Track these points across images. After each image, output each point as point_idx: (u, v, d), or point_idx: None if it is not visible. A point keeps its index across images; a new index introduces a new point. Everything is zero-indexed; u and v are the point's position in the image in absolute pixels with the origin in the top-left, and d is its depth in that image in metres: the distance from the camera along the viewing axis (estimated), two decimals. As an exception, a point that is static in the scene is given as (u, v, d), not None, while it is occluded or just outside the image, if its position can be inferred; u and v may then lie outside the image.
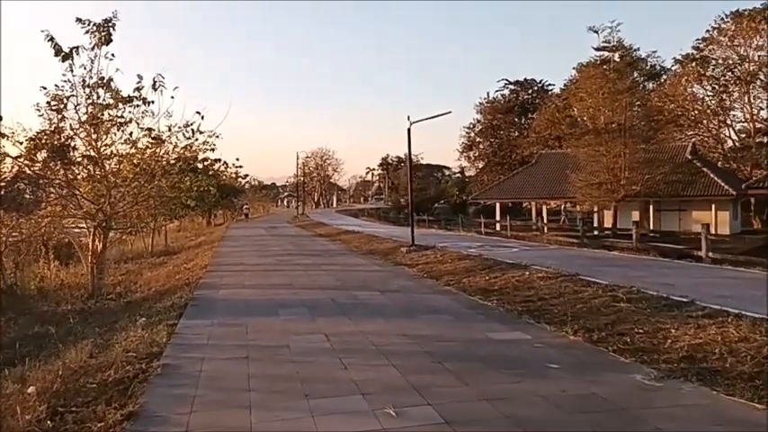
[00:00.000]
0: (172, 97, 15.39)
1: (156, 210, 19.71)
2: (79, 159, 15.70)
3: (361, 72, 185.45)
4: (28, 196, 16.01)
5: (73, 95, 15.68)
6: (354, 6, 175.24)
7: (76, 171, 16.14)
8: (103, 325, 11.49)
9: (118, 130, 16.47)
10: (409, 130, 19.72)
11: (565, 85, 59.35)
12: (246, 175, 66.02)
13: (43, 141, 14.89)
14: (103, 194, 16.40)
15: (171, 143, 17.17)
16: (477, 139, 76.54)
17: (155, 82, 15.45)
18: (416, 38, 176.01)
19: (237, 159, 53.50)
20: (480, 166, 76.04)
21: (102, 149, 16.36)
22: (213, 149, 17.53)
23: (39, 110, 15.50)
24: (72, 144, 15.73)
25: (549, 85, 71.94)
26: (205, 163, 33.85)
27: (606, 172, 30.15)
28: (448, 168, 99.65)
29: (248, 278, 14.40)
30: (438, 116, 19.51)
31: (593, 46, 31.44)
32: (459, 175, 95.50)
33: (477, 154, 77.59)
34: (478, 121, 76.27)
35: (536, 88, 73.75)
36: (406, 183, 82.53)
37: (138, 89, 15.39)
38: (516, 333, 7.77)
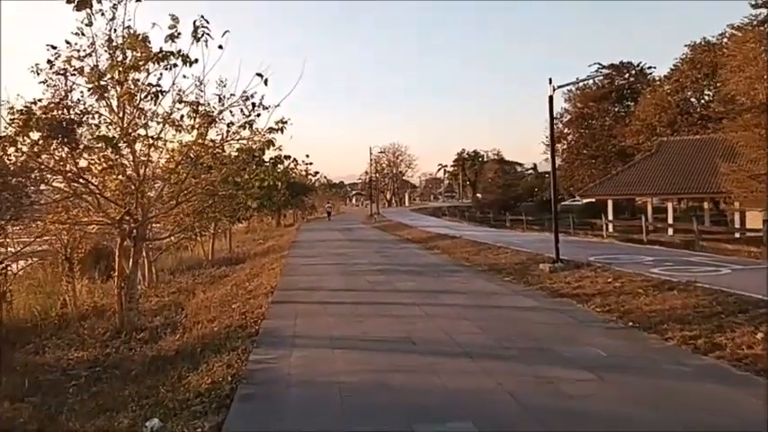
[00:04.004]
0: (220, 47, 10.34)
1: (207, 213, 14.91)
2: (93, 143, 10.94)
3: (429, 66, 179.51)
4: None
5: (89, 55, 11.08)
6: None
7: (90, 159, 11.42)
8: (104, 408, 6.74)
9: (151, 102, 11.66)
10: (551, 97, 14.16)
11: (675, 65, 51.83)
12: (317, 173, 61.74)
13: (38, 116, 10.21)
14: (131, 192, 11.67)
15: (224, 122, 12.23)
16: (566, 130, 69.58)
17: (196, 29, 10.48)
18: (496, 27, 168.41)
19: (308, 156, 49.09)
20: (568, 158, 69.03)
21: (129, 129, 11.61)
22: (282, 130, 12.35)
23: (37, 72, 10.88)
24: (84, 120, 11.03)
25: (650, 67, 64.07)
26: (274, 158, 29.16)
27: (774, 160, 23.47)
28: (520, 165, 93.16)
29: (334, 323, 9.20)
30: (588, 79, 13.87)
31: (750, 2, 24.83)
32: (532, 171, 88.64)
33: (565, 146, 70.61)
34: (566, 111, 69.27)
35: (634, 72, 65.95)
36: (492, 179, 77.35)
37: (171, 37, 10.47)
38: None
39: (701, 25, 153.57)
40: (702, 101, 50.18)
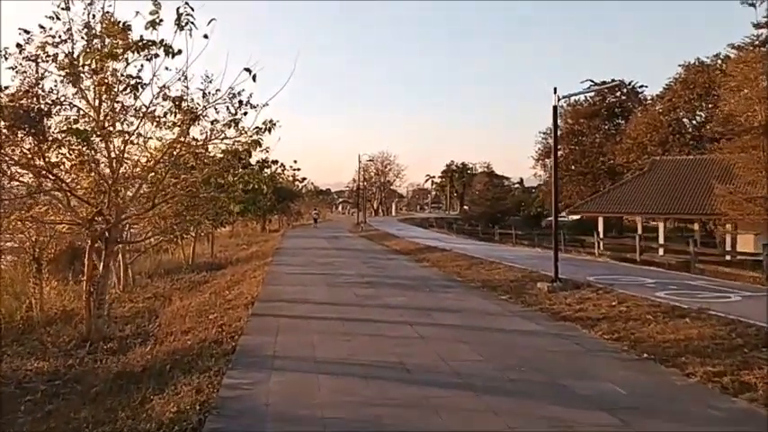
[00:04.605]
0: (206, 36, 9.52)
1: (187, 216, 13.98)
2: (62, 136, 10.05)
3: (418, 77, 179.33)
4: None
5: (65, 42, 10.26)
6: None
7: (62, 153, 10.53)
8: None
9: (130, 95, 10.82)
10: (555, 107, 13.50)
11: (668, 85, 51.72)
12: (304, 179, 60.64)
13: (3, 104, 9.33)
14: (104, 190, 10.80)
15: (208, 120, 11.39)
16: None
17: (179, 16, 9.64)
18: (484, 39, 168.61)
19: (295, 162, 47.98)
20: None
21: (105, 123, 10.75)
22: (270, 130, 11.51)
23: (5, 57, 10.01)
24: (54, 111, 10.17)
25: (641, 86, 64.04)
26: (261, 161, 28.25)
27: (772, 182, 22.98)
28: (507, 179, 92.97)
29: (319, 341, 8.36)
30: (600, 88, 13.28)
31: (752, 21, 24.46)
32: (518, 185, 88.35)
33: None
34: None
35: (625, 90, 65.86)
36: (481, 191, 76.78)
37: (153, 24, 9.62)
38: None
39: (692, 45, 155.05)
40: (694, 121, 50.11)
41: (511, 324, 9.46)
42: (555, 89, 12.98)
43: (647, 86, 63.86)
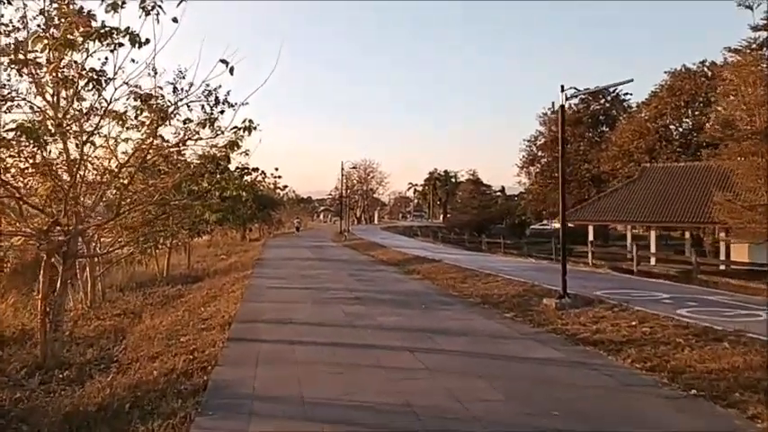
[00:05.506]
0: (175, 20, 8.28)
1: (156, 226, 12.71)
2: (12, 135, 8.75)
3: (400, 84, 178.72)
4: None
5: (18, 30, 9.06)
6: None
7: (11, 155, 9.23)
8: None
9: (93, 90, 9.58)
10: (563, 107, 12.46)
11: (653, 92, 51.19)
12: (285, 186, 59.15)
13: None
14: (61, 198, 9.50)
15: (180, 119, 10.16)
16: (540, 153, 68.81)
17: (144, -2, 8.39)
18: (467, 48, 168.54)
19: (276, 169, 46.74)
20: (541, 182, 68.12)
21: (63, 121, 9.48)
22: (249, 130, 10.28)
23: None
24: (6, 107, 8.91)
25: (626, 94, 63.64)
26: (241, 168, 26.92)
27: (772, 189, 22.11)
28: (488, 186, 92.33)
29: (306, 375, 7.08)
30: (611, 86, 12.27)
31: (749, 24, 23.71)
32: (500, 193, 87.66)
33: (538, 170, 69.72)
34: (541, 134, 68.60)
35: (609, 98, 65.48)
36: (466, 199, 75.91)
37: (113, 7, 8.36)
38: None
39: (676, 54, 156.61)
40: (681, 129, 49.67)
41: (526, 350, 8.29)
42: (562, 87, 11.89)
43: (631, 94, 63.33)
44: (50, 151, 9.97)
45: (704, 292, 14.56)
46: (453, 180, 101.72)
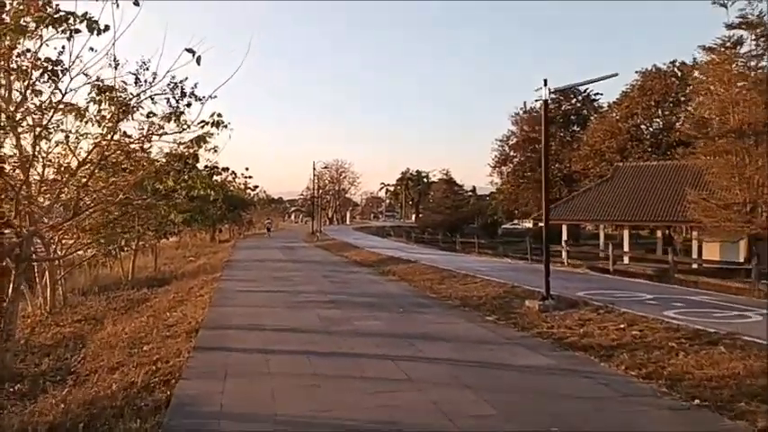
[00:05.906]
0: (136, 3, 7.65)
1: (116, 227, 11.97)
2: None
3: (370, 87, 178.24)
4: None
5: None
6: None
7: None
8: None
9: (49, 81, 8.89)
10: (546, 102, 12.05)
11: (624, 92, 51.57)
12: (256, 187, 58.09)
13: None
14: (12, 197, 8.79)
15: (142, 112, 9.49)
16: (512, 153, 68.92)
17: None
18: (438, 48, 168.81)
19: (247, 169, 46.01)
20: (513, 181, 68.23)
21: (15, 114, 8.78)
22: (218, 124, 9.66)
23: None
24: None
25: (597, 94, 64.06)
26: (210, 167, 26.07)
27: (746, 189, 22.12)
28: (461, 186, 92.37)
29: (280, 389, 6.50)
30: (595, 81, 11.92)
31: (724, 22, 23.64)
32: (471, 193, 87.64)
33: (510, 169, 69.83)
34: (513, 133, 68.71)
35: (580, 97, 65.87)
36: (440, 199, 75.53)
37: (70, -13, 7.68)
38: None
39: (645, 53, 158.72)
40: (652, 128, 50.10)
41: (513, 357, 7.84)
42: (545, 81, 11.50)
43: (602, 94, 63.75)
44: (2, 146, 9.34)
45: (687, 293, 14.32)
46: (426, 180, 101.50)
